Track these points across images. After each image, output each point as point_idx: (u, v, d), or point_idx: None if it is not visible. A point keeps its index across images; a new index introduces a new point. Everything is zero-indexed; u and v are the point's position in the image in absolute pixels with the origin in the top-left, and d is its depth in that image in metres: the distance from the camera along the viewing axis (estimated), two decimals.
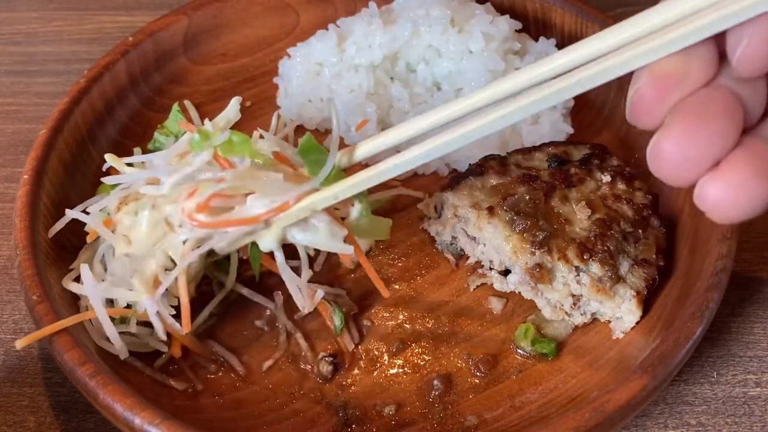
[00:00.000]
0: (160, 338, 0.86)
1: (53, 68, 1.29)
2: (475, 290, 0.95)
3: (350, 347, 0.89)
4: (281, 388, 0.86)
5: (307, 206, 0.78)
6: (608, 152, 0.98)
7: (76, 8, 1.40)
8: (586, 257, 0.86)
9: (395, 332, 0.91)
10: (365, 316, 0.92)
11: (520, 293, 0.91)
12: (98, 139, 1.04)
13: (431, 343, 0.90)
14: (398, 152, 0.76)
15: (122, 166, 0.89)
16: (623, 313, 0.87)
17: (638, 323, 0.87)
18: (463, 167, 1.04)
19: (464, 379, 0.87)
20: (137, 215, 0.84)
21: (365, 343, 0.90)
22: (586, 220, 0.90)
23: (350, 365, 0.88)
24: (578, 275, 0.87)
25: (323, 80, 1.11)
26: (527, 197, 0.90)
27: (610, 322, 0.89)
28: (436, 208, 0.98)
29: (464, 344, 0.90)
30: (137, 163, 0.90)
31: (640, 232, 0.90)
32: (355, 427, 0.83)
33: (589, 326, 0.90)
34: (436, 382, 0.86)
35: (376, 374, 0.88)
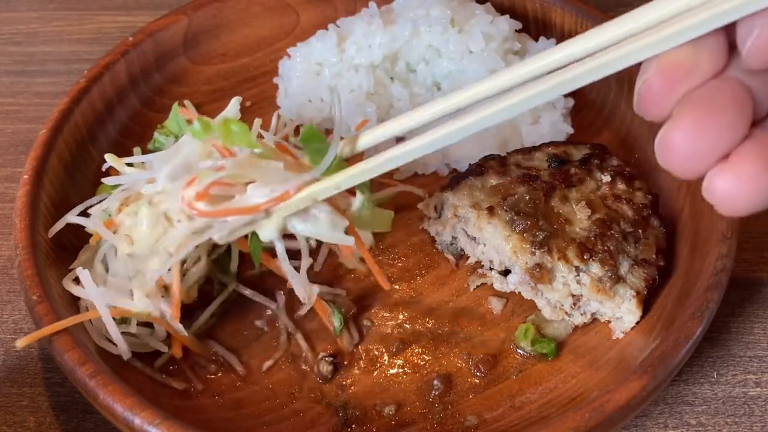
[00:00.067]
0: (160, 338, 0.86)
1: (53, 68, 1.29)
2: (475, 290, 0.95)
3: (350, 347, 0.89)
4: (281, 388, 0.86)
5: (308, 196, 0.77)
6: (608, 152, 0.98)
7: (76, 8, 1.40)
8: (586, 257, 0.86)
9: (395, 332, 0.91)
10: (365, 316, 0.92)
11: (520, 293, 0.91)
12: (98, 139, 1.04)
13: (431, 343, 0.90)
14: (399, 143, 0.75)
15: (122, 166, 0.89)
16: (623, 313, 0.87)
17: (638, 323, 0.87)
18: (463, 167, 1.04)
19: (464, 379, 0.87)
20: (137, 215, 0.84)
21: (365, 343, 0.90)
22: (586, 220, 0.90)
23: (350, 365, 0.88)
24: (578, 275, 0.87)
25: (323, 80, 1.11)
26: (527, 197, 0.90)
27: (610, 322, 0.89)
28: (436, 208, 0.98)
29: (464, 344, 0.90)
30: (137, 163, 0.90)
31: (640, 232, 0.90)
32: (355, 427, 0.83)
33: (589, 326, 0.90)
34: (436, 382, 0.86)
35: (376, 374, 0.88)
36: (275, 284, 0.94)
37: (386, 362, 0.88)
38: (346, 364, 0.88)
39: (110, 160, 0.89)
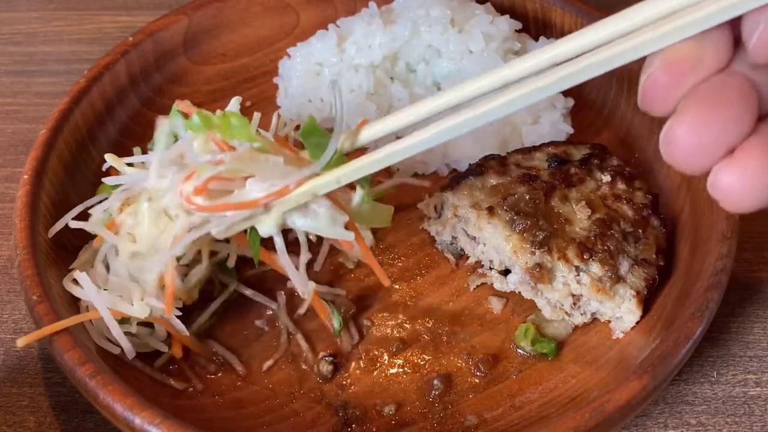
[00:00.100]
0: (160, 338, 0.86)
1: (53, 68, 1.29)
2: (475, 290, 0.95)
3: (350, 347, 0.89)
4: (281, 388, 0.86)
5: (307, 191, 0.76)
6: (608, 152, 0.98)
7: (76, 8, 1.40)
8: (586, 257, 0.86)
9: (395, 332, 0.91)
10: (365, 316, 0.92)
11: (520, 293, 0.91)
12: (98, 139, 1.04)
13: (431, 343, 0.90)
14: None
15: (122, 166, 0.89)
16: (623, 313, 0.87)
17: (638, 323, 0.87)
18: (463, 167, 1.04)
19: (464, 378, 0.87)
20: (138, 212, 0.83)
21: (365, 343, 0.90)
22: (586, 220, 0.90)
23: (350, 365, 0.88)
24: (578, 275, 0.87)
25: (323, 80, 1.11)
26: (527, 197, 0.90)
27: (610, 322, 0.89)
28: (436, 208, 0.98)
29: (464, 344, 0.90)
30: (137, 163, 0.90)
31: (640, 232, 0.90)
32: (355, 426, 0.83)
33: (589, 326, 0.90)
34: (436, 381, 0.86)
35: (376, 374, 0.88)
36: (276, 284, 0.94)
37: (386, 362, 0.88)
38: (346, 363, 0.88)
39: (110, 160, 0.89)
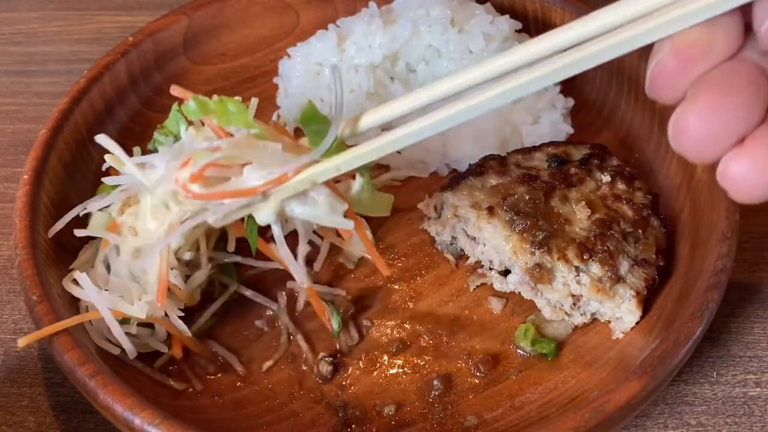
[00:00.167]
0: (160, 339, 0.86)
1: (53, 68, 1.29)
2: (475, 290, 0.95)
3: (349, 347, 0.89)
4: (281, 388, 0.86)
5: (306, 178, 0.75)
6: (608, 152, 0.98)
7: (76, 8, 1.40)
8: (586, 257, 0.86)
9: (395, 332, 0.91)
10: (365, 316, 0.92)
11: (520, 293, 0.91)
12: None
13: (431, 343, 0.90)
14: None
15: (122, 166, 0.89)
16: (623, 313, 0.87)
17: (638, 323, 0.87)
18: (463, 167, 1.04)
19: (464, 379, 0.87)
20: (140, 206, 0.83)
21: (365, 343, 0.90)
22: (586, 220, 0.90)
23: (350, 365, 0.88)
24: (578, 275, 0.87)
25: (323, 80, 1.11)
26: (527, 197, 0.90)
27: (610, 322, 0.89)
28: (436, 208, 0.98)
29: (464, 344, 0.90)
30: (137, 163, 0.90)
31: (640, 232, 0.90)
32: (355, 427, 0.83)
33: (589, 326, 0.90)
34: (436, 382, 0.86)
35: (376, 374, 0.88)
36: (276, 285, 0.94)
37: (386, 362, 0.88)
38: (345, 364, 0.88)
39: (110, 160, 0.89)
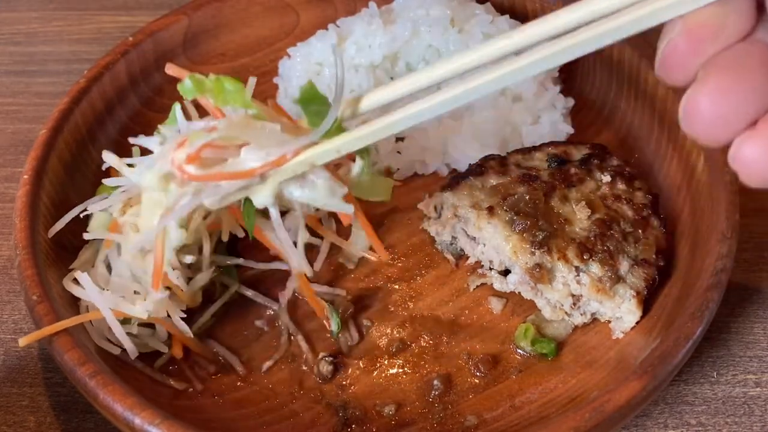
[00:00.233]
0: (161, 339, 0.86)
1: (53, 68, 1.29)
2: (475, 290, 0.95)
3: (349, 347, 0.89)
4: (281, 388, 0.86)
5: (305, 160, 0.73)
6: (608, 152, 0.98)
7: (76, 8, 1.40)
8: (586, 257, 0.86)
9: (395, 332, 0.91)
10: (365, 316, 0.92)
11: (520, 293, 0.91)
12: (98, 139, 1.04)
13: (431, 343, 0.90)
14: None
15: (122, 166, 0.89)
16: (623, 313, 0.87)
17: (638, 323, 0.87)
18: (463, 167, 1.04)
19: (464, 379, 0.87)
20: (141, 202, 0.83)
21: (365, 343, 0.90)
22: (586, 220, 0.90)
23: (350, 365, 0.88)
24: (578, 275, 0.87)
25: (323, 80, 1.11)
26: (527, 197, 0.90)
27: (610, 322, 0.89)
28: (436, 208, 0.98)
29: (464, 344, 0.90)
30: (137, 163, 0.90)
31: (640, 232, 0.90)
32: (355, 427, 0.83)
33: (589, 326, 0.90)
34: (436, 382, 0.86)
35: (376, 374, 0.88)
36: (276, 285, 0.94)
37: (386, 362, 0.88)
38: (346, 364, 0.88)
39: (110, 160, 0.89)
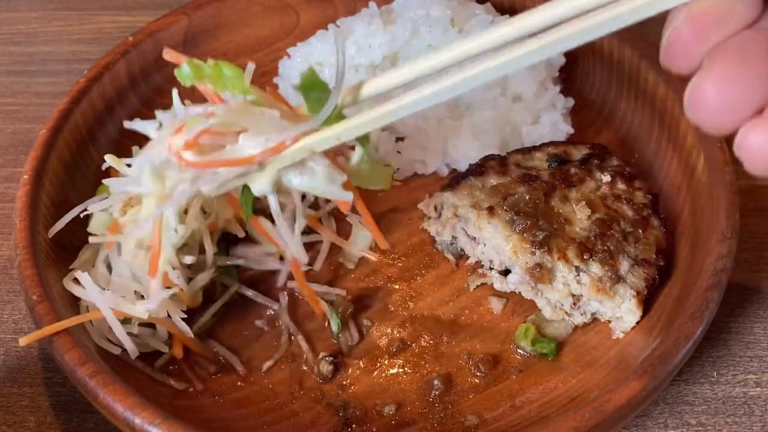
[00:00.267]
0: (161, 339, 0.86)
1: (53, 68, 1.29)
2: (475, 290, 0.95)
3: (350, 347, 0.89)
4: (281, 388, 0.86)
5: (305, 147, 0.71)
6: (608, 152, 0.99)
7: (76, 8, 1.40)
8: (586, 257, 0.86)
9: (395, 332, 0.91)
10: (365, 316, 0.92)
11: (520, 293, 0.91)
12: (98, 139, 1.04)
13: (431, 343, 0.90)
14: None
15: (122, 166, 0.89)
16: (623, 312, 0.87)
17: (638, 323, 0.87)
18: (463, 167, 1.04)
19: (464, 379, 0.87)
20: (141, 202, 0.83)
21: (365, 343, 0.90)
22: (586, 220, 0.90)
23: (350, 365, 0.88)
24: (578, 275, 0.87)
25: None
26: (527, 197, 0.90)
27: (610, 322, 0.89)
28: (436, 208, 0.98)
29: (464, 344, 0.90)
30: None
31: (640, 232, 0.90)
32: (355, 427, 0.83)
33: (589, 326, 0.90)
34: (436, 382, 0.86)
35: (376, 374, 0.88)
36: (276, 285, 0.94)
37: (386, 362, 0.88)
38: (346, 364, 0.88)
39: (110, 160, 0.89)
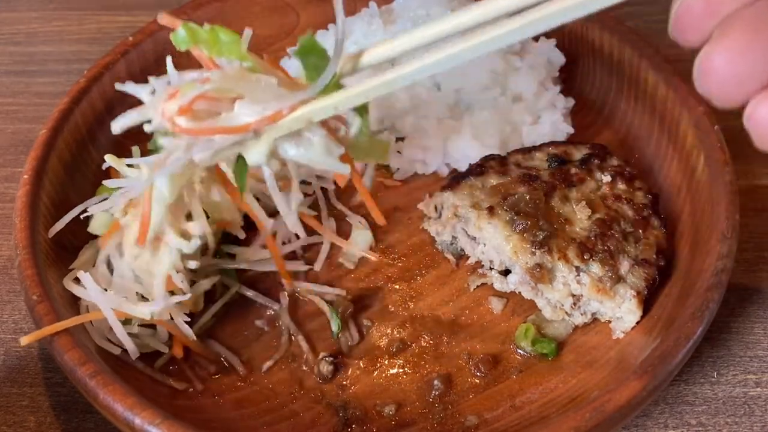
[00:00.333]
0: (162, 339, 0.86)
1: (53, 68, 1.29)
2: (475, 290, 0.95)
3: (350, 347, 0.89)
4: (281, 388, 0.86)
5: (302, 116, 0.70)
6: (608, 152, 0.98)
7: (76, 8, 1.40)
8: (586, 257, 0.86)
9: (395, 332, 0.91)
10: (365, 316, 0.92)
11: (520, 293, 0.91)
12: (98, 139, 1.03)
13: (431, 343, 0.90)
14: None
15: (122, 166, 0.89)
16: (623, 313, 0.87)
17: (638, 323, 0.87)
18: (463, 167, 1.04)
19: (464, 379, 0.87)
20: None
21: (365, 343, 0.90)
22: (586, 219, 0.90)
23: (350, 365, 0.88)
24: (578, 275, 0.87)
25: None
26: (527, 197, 0.90)
27: (610, 322, 0.89)
28: (436, 208, 0.98)
29: (464, 344, 0.90)
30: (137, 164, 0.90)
31: (640, 232, 0.90)
32: (355, 427, 0.83)
33: (589, 326, 0.90)
34: (436, 382, 0.86)
35: (376, 374, 0.88)
36: (276, 285, 0.94)
37: (386, 362, 0.88)
38: (346, 364, 0.88)
39: (110, 160, 0.89)
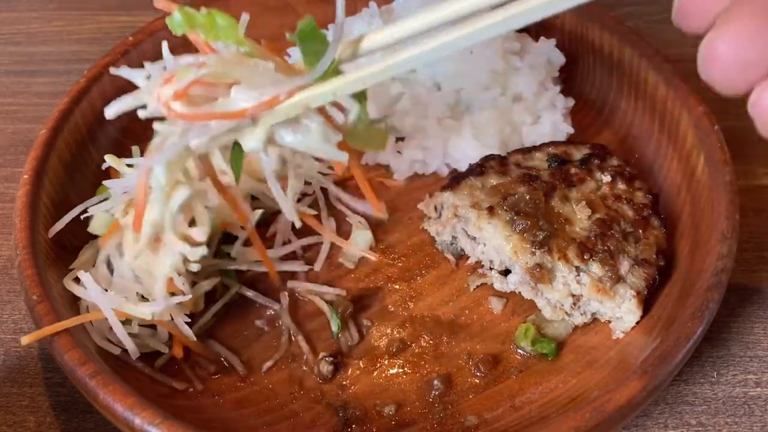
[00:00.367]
0: (162, 340, 0.86)
1: (53, 68, 1.29)
2: (475, 290, 0.95)
3: (350, 347, 0.89)
4: (281, 388, 0.86)
5: (299, 102, 0.69)
6: (608, 152, 0.99)
7: (76, 8, 1.40)
8: (586, 257, 0.86)
9: (395, 332, 0.91)
10: (365, 316, 0.92)
11: (520, 293, 0.91)
12: (98, 139, 1.04)
13: (431, 343, 0.90)
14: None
15: (122, 166, 0.89)
16: (623, 313, 0.87)
17: (638, 323, 0.87)
18: (463, 167, 1.04)
19: (464, 379, 0.87)
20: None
21: (365, 343, 0.90)
22: (586, 219, 0.90)
23: (350, 365, 0.88)
24: (578, 275, 0.87)
25: None
26: (527, 197, 0.90)
27: (610, 322, 0.89)
28: (436, 208, 0.98)
29: (464, 344, 0.90)
30: (137, 163, 0.90)
31: (640, 232, 0.90)
32: (355, 427, 0.83)
33: (589, 326, 0.90)
34: (436, 382, 0.86)
35: (376, 374, 0.88)
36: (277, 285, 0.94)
37: (386, 362, 0.88)
38: (346, 364, 0.88)
39: (110, 160, 0.89)
